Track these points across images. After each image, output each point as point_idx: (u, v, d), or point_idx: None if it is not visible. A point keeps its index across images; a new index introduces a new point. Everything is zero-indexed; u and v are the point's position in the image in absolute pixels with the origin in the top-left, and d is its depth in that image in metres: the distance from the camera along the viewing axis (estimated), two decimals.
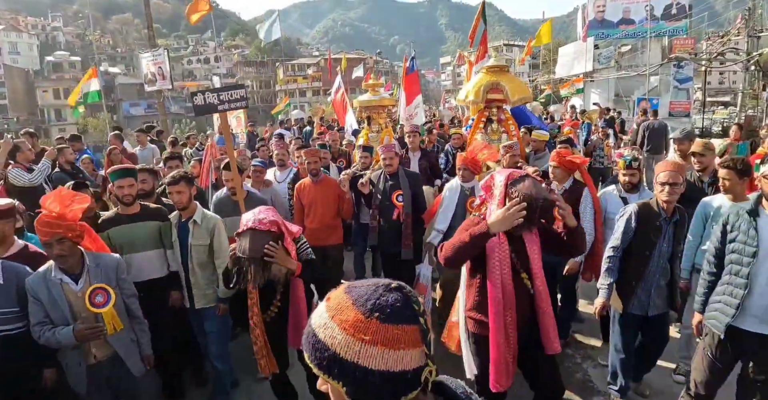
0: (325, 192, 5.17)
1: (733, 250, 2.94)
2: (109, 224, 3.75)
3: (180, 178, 3.79)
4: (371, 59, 67.06)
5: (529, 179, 2.68)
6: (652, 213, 3.39)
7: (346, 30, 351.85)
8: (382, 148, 5.18)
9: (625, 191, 4.34)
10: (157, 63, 9.36)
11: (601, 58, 21.53)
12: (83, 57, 75.17)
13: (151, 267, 3.80)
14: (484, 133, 6.50)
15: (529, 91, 7.03)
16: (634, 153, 4.37)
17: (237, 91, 4.28)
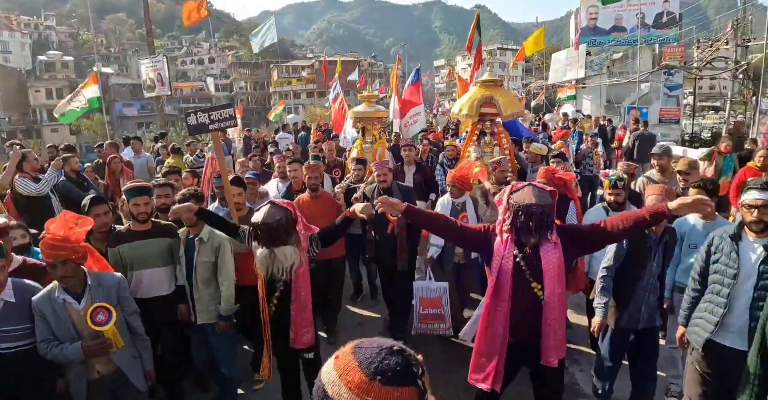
0: (325, 207, 5.18)
1: (715, 270, 3.10)
2: (120, 240, 3.82)
3: (190, 196, 3.92)
4: (365, 62, 67.26)
5: (528, 187, 2.74)
6: (643, 234, 3.49)
7: (340, 32, 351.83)
8: (376, 164, 5.28)
9: (612, 210, 4.41)
10: (156, 69, 9.45)
11: (593, 65, 21.82)
12: (76, 57, 74.92)
13: (160, 283, 3.90)
14: (477, 146, 6.60)
15: (522, 106, 7.27)
16: (619, 173, 4.49)
17: (226, 111, 4.44)
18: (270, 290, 3.33)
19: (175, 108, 56.85)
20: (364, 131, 8.10)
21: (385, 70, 78.01)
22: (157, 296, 3.87)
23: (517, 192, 2.75)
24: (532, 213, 2.64)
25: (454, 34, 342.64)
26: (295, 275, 3.24)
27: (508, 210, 2.75)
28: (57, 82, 59.90)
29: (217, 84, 73.89)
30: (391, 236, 5.09)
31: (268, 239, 3.11)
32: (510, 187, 2.84)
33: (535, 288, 2.78)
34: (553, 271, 2.76)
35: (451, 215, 4.80)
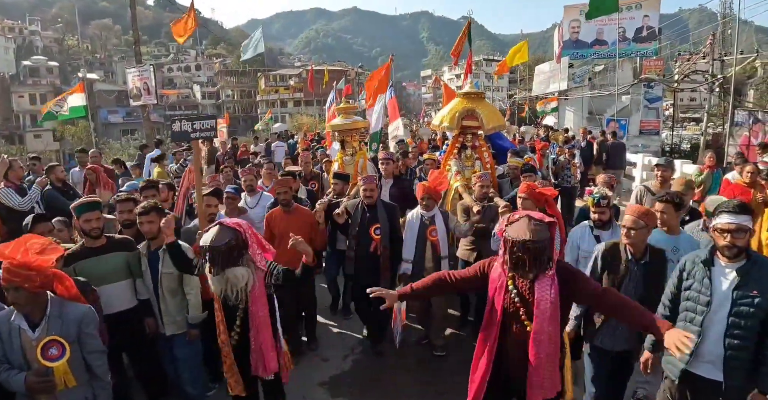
0: (298, 222, 5.01)
1: (687, 297, 2.98)
2: (75, 257, 3.72)
3: (151, 209, 3.90)
4: (353, 71, 67.55)
5: (524, 220, 2.61)
6: (618, 254, 3.47)
7: (328, 41, 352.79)
8: (364, 179, 5.18)
9: (597, 228, 4.36)
10: (143, 78, 9.49)
11: (575, 77, 22.23)
12: (61, 62, 74.21)
13: (120, 298, 3.84)
14: (458, 160, 6.51)
15: (504, 120, 7.03)
16: (603, 191, 4.41)
17: (209, 122, 4.51)
18: (230, 318, 3.23)
19: (161, 115, 56.55)
20: (344, 144, 7.99)
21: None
22: (120, 310, 3.82)
23: (512, 225, 2.62)
24: (527, 250, 2.50)
25: (441, 44, 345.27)
26: (250, 298, 3.16)
27: (504, 243, 2.63)
28: (41, 87, 59.30)
29: (203, 92, 73.69)
30: (373, 255, 5.01)
31: (218, 261, 3.02)
32: (506, 218, 2.70)
33: (528, 325, 2.67)
34: (545, 307, 2.62)
35: (419, 230, 4.95)
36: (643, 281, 3.40)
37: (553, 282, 2.64)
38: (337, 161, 7.93)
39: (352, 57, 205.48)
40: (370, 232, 5.00)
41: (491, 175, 6.39)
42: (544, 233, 2.55)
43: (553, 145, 12.32)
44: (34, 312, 2.76)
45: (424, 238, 4.96)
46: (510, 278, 2.71)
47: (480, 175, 5.48)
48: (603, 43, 22.00)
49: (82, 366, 2.86)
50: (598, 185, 5.39)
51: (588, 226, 4.41)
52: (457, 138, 6.67)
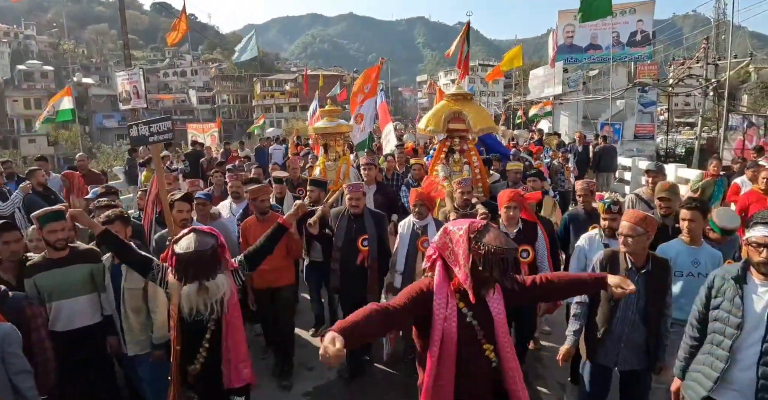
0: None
1: (716, 318, 2.71)
2: (35, 269, 3.51)
3: (115, 218, 3.66)
4: (348, 76, 67.61)
5: (494, 229, 2.31)
6: (617, 262, 3.25)
7: (324, 46, 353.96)
8: (349, 187, 4.82)
9: (606, 237, 4.08)
10: (132, 82, 9.39)
11: (569, 82, 22.26)
12: (56, 66, 74.09)
13: (83, 313, 3.60)
14: (445, 165, 6.19)
15: (493, 122, 6.73)
16: (614, 196, 4.12)
17: (165, 124, 4.25)
18: (196, 332, 2.95)
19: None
20: (327, 148, 7.64)
21: None
22: (82, 326, 3.58)
23: (484, 235, 2.26)
24: (507, 258, 2.21)
25: (437, 49, 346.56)
26: (227, 307, 2.93)
27: (478, 255, 2.22)
28: (35, 92, 59.18)
29: (199, 96, 73.69)
30: (360, 267, 4.67)
31: (200, 270, 2.76)
32: (466, 230, 2.28)
33: (487, 350, 2.33)
34: (504, 325, 2.36)
35: (411, 240, 4.60)
36: (645, 292, 3.16)
37: (499, 295, 2.38)
38: (318, 166, 7.58)
39: (348, 62, 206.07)
40: (357, 243, 4.66)
41: (482, 181, 6.19)
42: (512, 242, 2.37)
43: (546, 149, 12.28)
44: None
45: (414, 248, 4.60)
46: (459, 300, 2.32)
47: (460, 181, 5.10)
48: (597, 48, 22.07)
49: (7, 388, 2.72)
50: (577, 192, 5.11)
51: (598, 234, 4.15)
52: (444, 142, 6.34)
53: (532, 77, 27.25)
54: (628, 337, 3.20)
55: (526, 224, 4.40)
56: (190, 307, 2.83)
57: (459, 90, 6.48)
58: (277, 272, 4.62)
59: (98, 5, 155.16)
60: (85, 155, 8.70)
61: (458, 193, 5.01)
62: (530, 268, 4.31)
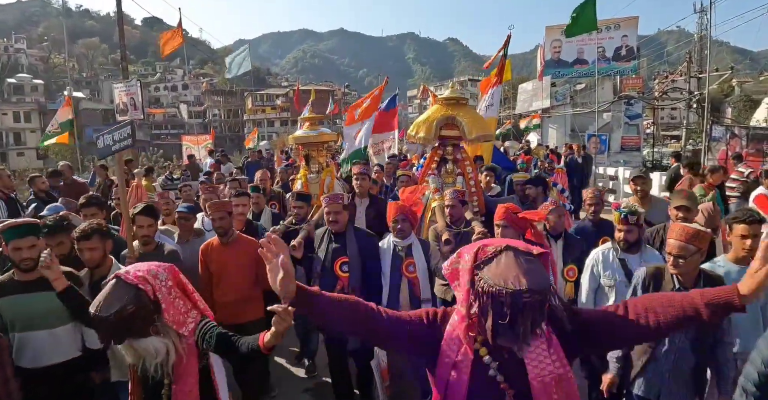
0: (239, 256, 3.95)
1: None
2: (1, 291, 2.90)
3: (93, 232, 3.12)
4: (339, 91, 68.14)
5: (509, 255, 1.54)
6: (664, 281, 2.81)
7: (315, 61, 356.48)
8: (326, 198, 4.04)
9: (622, 251, 3.54)
10: (130, 94, 9.51)
11: (557, 96, 22.74)
12: (46, 80, 73.99)
13: (55, 348, 2.94)
14: (437, 175, 5.54)
15: (489, 127, 6.23)
16: (633, 205, 3.59)
17: (125, 130, 3.83)
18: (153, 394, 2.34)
19: (147, 134, 56.49)
20: (308, 159, 6.87)
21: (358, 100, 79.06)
22: (52, 363, 2.93)
23: (490, 263, 1.55)
24: (523, 305, 1.45)
25: (427, 64, 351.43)
26: (174, 374, 2.24)
27: (475, 293, 1.55)
28: (25, 105, 59.04)
29: (190, 111, 73.79)
30: None
31: (113, 335, 2.11)
32: (474, 250, 1.62)
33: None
34: (551, 385, 1.58)
35: (393, 264, 3.85)
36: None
37: (550, 342, 1.62)
38: (300, 180, 6.81)
39: (338, 77, 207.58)
40: (335, 267, 3.85)
41: (478, 194, 5.57)
42: (543, 273, 1.53)
43: (534, 159, 12.54)
44: None
45: (399, 274, 3.86)
46: (481, 344, 1.63)
47: (448, 193, 4.45)
48: (584, 62, 22.59)
49: None
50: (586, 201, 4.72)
51: (611, 248, 3.61)
52: (435, 150, 5.72)
53: (520, 91, 27.78)
54: (675, 366, 2.74)
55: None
56: (132, 362, 2.26)
57: (453, 93, 5.82)
58: (243, 304, 3.95)
59: (89, 19, 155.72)
60: (68, 164, 8.55)
61: (447, 206, 4.36)
62: None
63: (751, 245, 3.05)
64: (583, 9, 12.15)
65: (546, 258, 1.61)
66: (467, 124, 5.31)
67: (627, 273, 3.45)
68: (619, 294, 3.46)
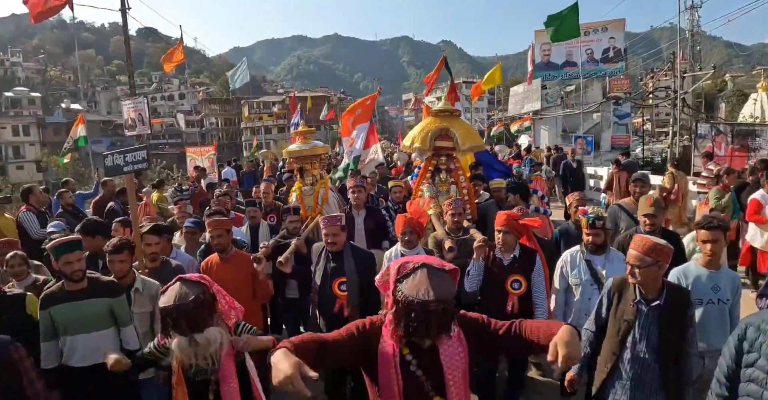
0: (236, 271, 4.12)
1: (750, 378, 2.23)
2: (51, 301, 3.27)
3: (123, 247, 3.55)
4: (335, 97, 68.55)
5: (422, 272, 1.95)
6: (627, 291, 2.92)
7: (310, 67, 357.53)
8: (324, 220, 4.08)
9: (589, 252, 3.85)
10: (137, 110, 10.00)
11: (548, 98, 23.23)
12: (43, 93, 74.43)
13: (99, 349, 3.27)
14: (431, 184, 5.81)
15: (481, 139, 6.50)
16: (599, 211, 3.86)
17: (139, 153, 4.17)
18: (198, 392, 2.68)
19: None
20: (302, 172, 6.92)
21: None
22: (97, 363, 3.23)
23: (407, 278, 1.95)
24: (429, 312, 1.86)
25: (422, 68, 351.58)
26: (221, 363, 2.61)
27: (396, 303, 1.95)
28: (24, 118, 59.43)
29: (187, 120, 74.14)
30: (339, 317, 3.79)
31: (185, 324, 2.49)
32: (397, 266, 2.02)
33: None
34: (458, 377, 2.01)
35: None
36: (658, 327, 2.79)
37: (460, 342, 2.03)
38: (294, 192, 6.88)
39: (334, 82, 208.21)
40: (333, 287, 3.92)
41: (470, 202, 5.74)
42: (449, 286, 1.95)
43: (525, 161, 12.97)
44: None
45: None
46: (404, 345, 2.00)
47: (451, 202, 4.68)
48: (573, 65, 23.09)
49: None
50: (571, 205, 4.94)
51: (579, 250, 3.92)
52: (430, 160, 5.95)
53: (512, 94, 28.31)
54: (638, 376, 2.84)
55: (524, 250, 3.99)
56: (186, 362, 2.59)
57: (446, 106, 6.17)
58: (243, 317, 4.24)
59: (84, 31, 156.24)
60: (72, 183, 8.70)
61: (449, 215, 4.63)
62: (522, 300, 3.88)
63: (711, 249, 3.23)
64: (566, 16, 12.58)
65: (455, 273, 2.03)
66: (460, 136, 5.63)
67: (592, 273, 3.80)
68: (584, 292, 3.81)
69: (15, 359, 2.85)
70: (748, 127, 16.40)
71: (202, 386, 2.67)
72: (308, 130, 7.52)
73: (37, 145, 56.87)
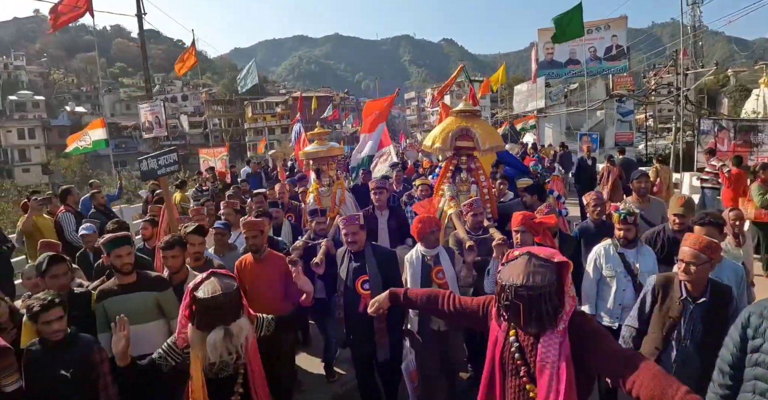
0: (270, 271, 4.18)
1: (756, 362, 2.31)
2: (105, 294, 3.52)
3: (174, 243, 3.79)
4: (338, 96, 68.75)
5: (523, 259, 2.06)
6: (672, 289, 2.97)
7: (311, 67, 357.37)
8: (344, 220, 4.14)
9: (621, 246, 4.02)
10: (154, 113, 10.28)
11: (552, 96, 23.41)
12: (47, 96, 74.74)
13: (148, 340, 3.43)
14: (452, 184, 5.85)
15: (501, 139, 6.54)
16: (630, 207, 4.04)
17: (170, 156, 4.46)
18: (223, 387, 2.75)
19: (149, 146, 56.96)
20: (319, 173, 6.99)
21: (356, 104, 79.68)
22: (147, 353, 3.28)
23: (509, 264, 2.09)
24: (520, 297, 1.96)
25: (423, 66, 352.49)
26: (247, 353, 2.77)
27: (496, 286, 2.10)
28: (28, 122, 59.81)
29: (190, 121, 74.38)
30: (363, 316, 3.60)
31: (227, 313, 2.63)
32: (507, 255, 2.14)
33: (530, 390, 2.07)
34: (550, 372, 2.00)
35: (423, 273, 4.06)
36: (702, 324, 2.86)
37: (563, 340, 2.02)
38: (312, 193, 6.93)
39: (335, 82, 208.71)
40: (356, 286, 3.99)
41: (491, 201, 5.82)
42: (546, 276, 1.98)
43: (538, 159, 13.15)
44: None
45: (428, 282, 4.00)
46: (513, 327, 2.13)
47: (471, 202, 4.71)
48: (576, 63, 23.28)
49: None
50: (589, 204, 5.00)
51: (611, 244, 4.08)
52: (450, 160, 6.00)
53: (516, 92, 28.46)
54: (680, 372, 2.84)
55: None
56: (216, 357, 2.65)
57: (467, 106, 6.17)
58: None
59: (86, 34, 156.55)
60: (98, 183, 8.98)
61: (470, 215, 4.67)
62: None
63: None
64: (571, 16, 12.71)
65: (565, 267, 2.04)
66: (481, 136, 5.68)
67: (626, 265, 3.94)
68: (619, 284, 3.93)
69: (96, 360, 3.02)
70: (750, 123, 16.57)
71: (227, 382, 2.74)
72: (324, 132, 7.58)
73: (43, 148, 57.27)
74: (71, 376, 2.91)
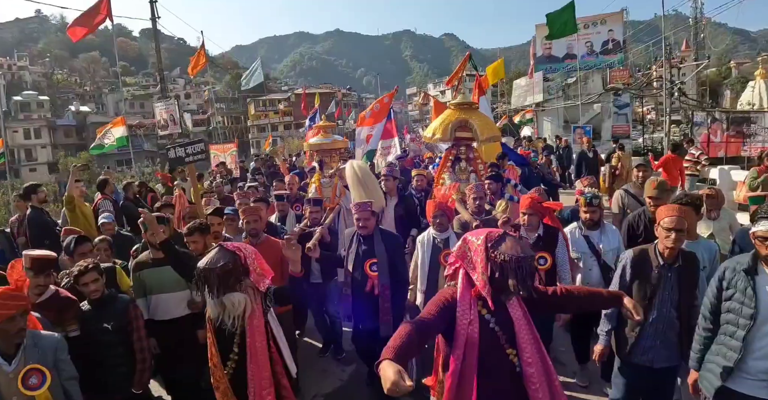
0: (267, 256, 4.11)
1: (728, 309, 2.73)
2: (142, 266, 4.14)
3: (195, 230, 4.28)
4: (339, 93, 68.99)
5: (509, 238, 2.37)
6: (648, 260, 3.23)
7: (313, 63, 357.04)
8: (356, 205, 4.44)
9: (586, 229, 4.31)
10: (169, 111, 10.78)
11: (549, 90, 23.82)
12: (51, 96, 75.16)
13: (175, 307, 4.08)
14: (452, 172, 6.24)
15: (498, 130, 6.93)
16: (594, 191, 4.33)
17: (198, 146, 4.93)
18: (226, 343, 3.06)
19: (154, 144, 57.55)
20: (322, 164, 7.33)
21: (359, 101, 79.98)
22: (172, 317, 4.09)
23: (501, 243, 2.33)
24: (529, 265, 2.28)
25: (425, 61, 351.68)
26: (248, 326, 2.99)
27: (492, 263, 2.31)
28: (35, 122, 60.26)
29: (194, 119, 74.71)
30: (370, 296, 4.23)
31: (214, 285, 2.89)
32: (483, 239, 2.37)
33: (510, 355, 2.36)
34: (525, 328, 2.38)
35: (432, 254, 4.35)
36: (678, 286, 3.16)
37: (518, 300, 2.43)
38: (314, 184, 7.22)
39: (337, 78, 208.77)
40: (365, 268, 4.28)
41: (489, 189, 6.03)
42: (529, 249, 2.38)
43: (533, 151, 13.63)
44: (9, 345, 2.71)
45: (437, 264, 4.29)
46: (481, 306, 2.38)
47: (473, 187, 5.08)
48: (573, 57, 23.69)
49: (60, 393, 2.89)
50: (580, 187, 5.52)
51: (577, 227, 4.35)
52: (450, 150, 6.40)
53: (515, 86, 28.89)
54: (664, 334, 3.19)
55: (547, 229, 4.27)
56: (214, 316, 3.03)
57: (464, 99, 6.57)
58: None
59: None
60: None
61: (471, 199, 4.98)
62: (548, 275, 4.16)
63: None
64: (562, 14, 13.13)
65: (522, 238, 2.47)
66: (479, 127, 6.05)
67: (590, 246, 4.31)
68: (585, 264, 4.32)
69: (131, 316, 3.62)
70: (743, 115, 16.98)
71: (231, 336, 3.03)
72: (329, 125, 7.95)
73: (49, 148, 57.83)
74: (111, 328, 3.50)
